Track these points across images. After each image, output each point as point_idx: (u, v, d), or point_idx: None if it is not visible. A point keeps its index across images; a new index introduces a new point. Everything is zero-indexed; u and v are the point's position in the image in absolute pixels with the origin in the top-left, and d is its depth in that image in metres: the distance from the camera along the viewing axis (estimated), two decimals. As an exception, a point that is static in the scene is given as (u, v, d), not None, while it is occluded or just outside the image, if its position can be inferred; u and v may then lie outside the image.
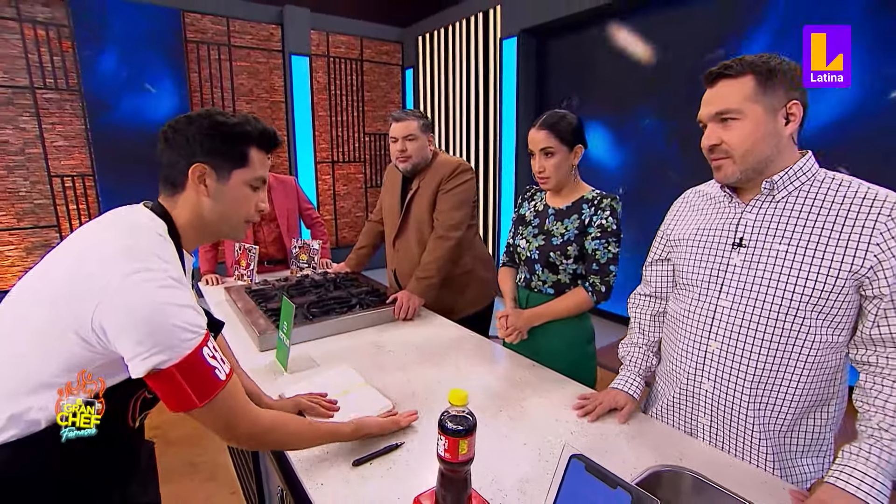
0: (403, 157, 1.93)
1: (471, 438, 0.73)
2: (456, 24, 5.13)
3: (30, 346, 0.73)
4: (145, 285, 0.71)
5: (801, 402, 0.94)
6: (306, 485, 0.92)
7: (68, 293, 0.72)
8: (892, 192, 0.86)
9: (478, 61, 4.93)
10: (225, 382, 0.78)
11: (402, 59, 6.09)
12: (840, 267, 0.85)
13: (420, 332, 1.72)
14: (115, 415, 0.80)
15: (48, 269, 0.78)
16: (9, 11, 3.85)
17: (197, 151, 0.86)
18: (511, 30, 4.43)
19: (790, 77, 0.89)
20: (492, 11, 4.65)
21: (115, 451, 0.85)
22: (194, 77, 4.68)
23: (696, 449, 1.03)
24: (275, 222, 2.65)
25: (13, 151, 4.00)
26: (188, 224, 0.88)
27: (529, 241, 1.49)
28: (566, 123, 1.38)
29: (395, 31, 5.92)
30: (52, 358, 0.73)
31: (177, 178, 0.87)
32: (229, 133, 0.88)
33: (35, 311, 0.74)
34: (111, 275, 0.71)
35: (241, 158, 0.89)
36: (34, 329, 0.73)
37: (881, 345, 0.87)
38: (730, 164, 0.94)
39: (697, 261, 1.03)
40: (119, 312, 0.70)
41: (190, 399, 0.74)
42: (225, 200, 0.89)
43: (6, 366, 0.74)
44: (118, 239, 0.76)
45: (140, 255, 0.74)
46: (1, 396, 0.72)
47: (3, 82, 3.89)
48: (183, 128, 0.87)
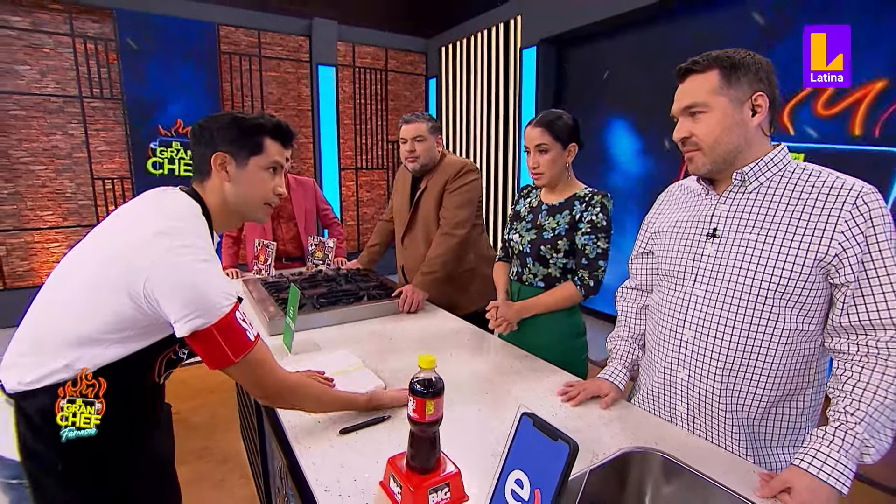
0: (412, 158, 2.02)
1: (437, 400, 0.79)
2: (478, 35, 5.24)
3: (86, 306, 0.85)
4: (188, 259, 0.84)
5: (774, 390, 0.95)
6: (295, 448, 0.99)
7: (122, 263, 0.84)
8: (859, 182, 0.88)
9: (498, 70, 5.02)
10: (255, 343, 0.91)
11: (426, 69, 6.23)
12: (806, 255, 0.88)
13: (421, 324, 1.78)
14: (144, 370, 0.93)
15: (101, 241, 0.91)
16: (64, 28, 4.18)
17: (218, 143, 1.00)
18: (531, 40, 4.50)
19: (755, 70, 0.92)
20: (512, 22, 4.74)
21: (142, 400, 0.96)
22: (226, 86, 4.93)
23: (673, 435, 1.05)
24: (293, 221, 2.77)
25: (62, 155, 4.31)
26: (216, 208, 1.02)
27: (522, 235, 1.54)
28: (562, 122, 1.44)
29: (419, 42, 6.08)
30: (104, 317, 0.84)
31: (203, 167, 1.01)
32: (245, 126, 1.01)
33: (90, 276, 0.86)
34: (160, 250, 0.83)
35: (256, 147, 1.02)
36: (90, 292, 0.85)
37: (851, 332, 0.88)
38: (700, 156, 0.97)
39: (675, 252, 1.07)
40: (167, 282, 0.82)
41: (226, 356, 0.87)
42: (244, 184, 1.02)
43: (65, 321, 0.85)
44: (164, 220, 0.88)
45: (183, 234, 0.87)
46: (60, 346, 0.84)
47: (55, 92, 4.21)
48: (208, 124, 1.01)
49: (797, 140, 3.00)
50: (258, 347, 0.92)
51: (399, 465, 0.83)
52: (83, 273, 0.88)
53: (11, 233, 4.22)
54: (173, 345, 0.95)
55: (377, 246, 2.46)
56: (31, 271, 4.32)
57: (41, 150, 4.23)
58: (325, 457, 0.95)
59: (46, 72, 4.15)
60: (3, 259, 4.22)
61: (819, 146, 2.92)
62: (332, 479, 0.89)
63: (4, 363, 0.87)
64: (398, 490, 0.81)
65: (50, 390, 0.82)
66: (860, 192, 0.86)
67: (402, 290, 1.92)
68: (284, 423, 1.08)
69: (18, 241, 4.26)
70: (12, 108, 4.08)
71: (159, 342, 0.92)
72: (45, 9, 4.10)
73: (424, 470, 0.81)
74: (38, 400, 0.82)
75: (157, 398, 1.02)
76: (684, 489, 0.93)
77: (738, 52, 0.94)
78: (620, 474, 0.98)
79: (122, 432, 0.91)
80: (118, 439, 0.90)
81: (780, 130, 3.05)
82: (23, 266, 4.30)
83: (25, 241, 4.29)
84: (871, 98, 2.68)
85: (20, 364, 0.85)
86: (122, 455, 0.91)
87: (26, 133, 4.15)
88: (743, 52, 0.94)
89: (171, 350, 0.96)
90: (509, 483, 0.66)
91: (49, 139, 4.24)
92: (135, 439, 0.95)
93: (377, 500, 0.83)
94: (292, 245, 2.80)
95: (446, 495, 0.81)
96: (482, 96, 5.31)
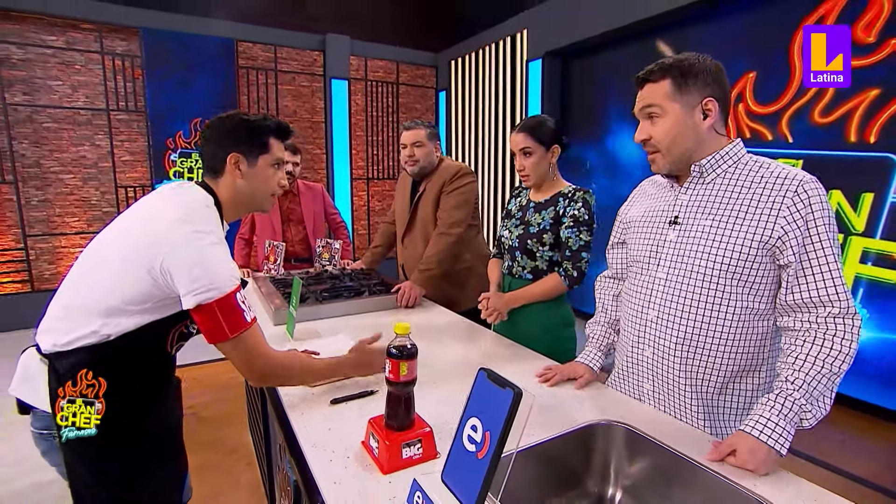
0: (412, 161, 2.14)
1: (410, 363, 0.88)
2: (485, 48, 5.40)
3: (113, 281, 0.97)
4: (201, 243, 0.97)
5: (731, 365, 1.02)
6: (290, 416, 1.09)
7: (144, 244, 0.97)
8: (801, 173, 0.96)
9: (505, 82, 5.16)
10: (251, 324, 1.02)
11: (436, 81, 6.41)
12: (753, 238, 0.96)
13: (417, 317, 1.88)
14: (159, 340, 1.05)
15: (128, 225, 1.04)
16: (94, 46, 4.45)
17: (230, 144, 1.12)
18: (536, 52, 4.63)
19: (704, 77, 1.01)
20: (518, 35, 4.88)
21: (156, 366, 1.07)
22: (244, 99, 5.16)
23: (639, 410, 1.12)
24: (302, 224, 2.91)
25: (88, 165, 4.55)
26: (227, 201, 1.14)
27: (511, 231, 1.64)
28: (545, 127, 1.54)
29: (429, 56, 6.27)
30: (128, 290, 0.97)
31: (216, 165, 1.13)
32: (253, 127, 1.14)
33: (117, 256, 0.99)
34: (177, 234, 0.96)
35: (263, 146, 1.15)
36: (117, 269, 0.98)
37: (796, 310, 0.96)
38: (660, 157, 1.06)
39: (642, 239, 1.15)
40: (181, 260, 0.95)
41: (223, 331, 0.98)
42: (254, 180, 1.15)
43: (94, 293, 0.98)
44: (183, 209, 1.01)
45: (198, 221, 1.00)
46: (89, 314, 0.97)
47: (85, 105, 4.47)
48: (218, 126, 1.14)
49: (795, 147, 3.05)
50: (253, 329, 1.02)
51: (378, 424, 0.93)
52: (112, 253, 1.01)
53: (40, 237, 4.46)
54: (185, 319, 1.07)
55: (380, 247, 2.58)
56: (57, 274, 4.54)
57: (70, 160, 4.47)
58: (316, 422, 1.05)
59: (77, 87, 4.42)
60: (32, 262, 4.45)
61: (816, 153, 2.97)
62: (321, 439, 0.99)
63: (41, 328, 1.00)
64: (376, 446, 0.90)
65: (78, 353, 0.95)
66: (801, 181, 0.94)
67: (401, 286, 2.02)
68: (282, 397, 1.18)
69: (46, 246, 4.49)
70: (46, 121, 4.34)
71: (173, 316, 1.04)
72: (78, 28, 4.38)
73: (400, 427, 0.90)
74: (68, 360, 0.95)
75: (169, 368, 1.14)
76: (644, 457, 1.00)
77: (688, 58, 1.02)
78: (588, 444, 1.06)
79: (139, 393, 1.02)
80: (135, 399, 1.01)
81: (780, 138, 3.11)
82: (50, 269, 4.52)
83: (53, 246, 4.52)
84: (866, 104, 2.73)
85: (54, 329, 0.97)
86: (137, 414, 1.03)
87: (57, 144, 4.41)
88: (693, 59, 1.02)
89: (183, 324, 1.08)
90: (466, 429, 0.75)
91: (77, 150, 4.49)
92: (149, 401, 1.06)
93: (357, 457, 0.93)
94: (301, 247, 2.94)
95: (419, 451, 0.90)
96: (490, 107, 5.44)
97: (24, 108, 4.26)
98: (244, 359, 1.03)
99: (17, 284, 4.42)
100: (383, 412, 0.93)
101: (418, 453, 0.90)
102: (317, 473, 0.88)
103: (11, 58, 4.18)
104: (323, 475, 0.87)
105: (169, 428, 1.16)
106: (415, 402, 0.93)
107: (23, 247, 4.39)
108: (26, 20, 4.20)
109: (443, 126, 6.41)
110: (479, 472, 0.69)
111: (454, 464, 0.76)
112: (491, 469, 0.69)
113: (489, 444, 0.70)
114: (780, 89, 3.09)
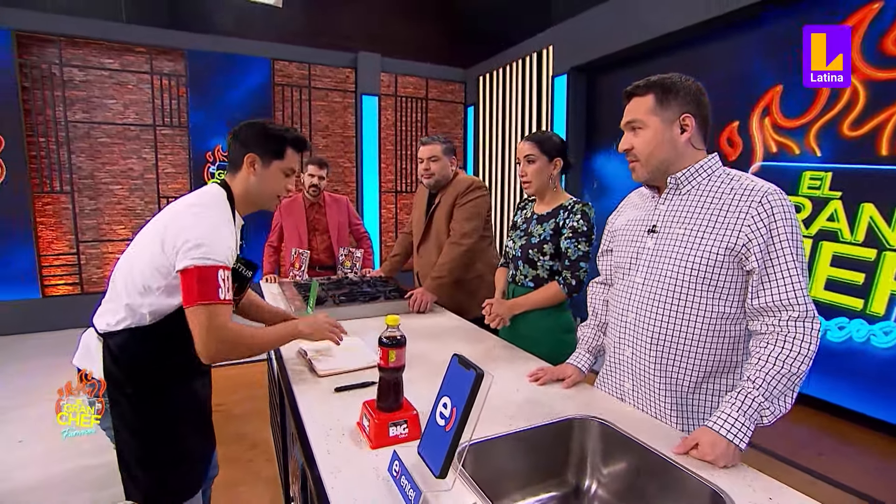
0: (427, 175, 2.29)
1: (399, 350, 1.01)
2: (513, 64, 5.56)
3: (140, 261, 1.17)
4: (205, 221, 1.16)
5: (703, 366, 1.10)
6: (299, 402, 1.24)
7: (161, 223, 1.18)
8: (767, 185, 1.05)
9: (531, 97, 5.29)
10: (221, 301, 1.12)
11: (465, 97, 6.62)
12: (721, 245, 1.04)
13: (427, 321, 2.01)
14: (185, 325, 1.18)
15: (159, 218, 1.24)
16: (145, 67, 4.89)
17: (251, 145, 1.31)
18: (562, 68, 4.76)
19: (684, 94, 1.11)
20: (545, 51, 5.02)
21: (185, 347, 1.16)
22: (278, 115, 5.50)
23: (617, 408, 1.21)
24: (327, 233, 3.12)
25: (135, 176, 4.96)
26: (239, 195, 1.34)
27: (515, 241, 1.75)
28: (550, 140, 1.67)
29: (458, 73, 6.49)
30: (148, 268, 1.16)
31: (237, 161, 1.33)
32: (272, 134, 1.33)
33: (147, 239, 1.19)
34: (187, 212, 1.17)
35: (279, 153, 1.34)
36: (145, 250, 1.18)
37: (761, 314, 1.03)
38: (639, 166, 1.17)
39: (624, 246, 1.25)
40: (183, 228, 1.14)
41: (192, 295, 1.10)
42: (264, 180, 1.34)
43: (129, 275, 1.18)
44: (196, 196, 1.26)
45: (208, 206, 1.21)
46: (128, 294, 1.16)
47: (135, 121, 4.89)
48: (244, 130, 1.34)
49: (823, 160, 3.03)
50: (220, 307, 1.10)
51: (371, 406, 1.06)
52: (144, 238, 1.21)
53: (91, 243, 4.87)
54: None
55: (398, 256, 2.73)
56: (104, 278, 4.94)
57: (119, 171, 4.90)
58: (320, 405, 1.20)
59: (129, 104, 4.86)
60: (83, 266, 4.86)
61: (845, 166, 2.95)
62: (322, 417, 1.13)
63: (98, 312, 1.21)
64: (367, 424, 1.04)
65: (123, 333, 1.14)
66: (766, 192, 1.02)
67: (413, 292, 2.16)
68: (294, 387, 1.33)
69: (96, 252, 4.91)
70: (101, 137, 4.79)
71: None
72: (132, 52, 4.83)
73: (390, 409, 1.03)
74: (116, 338, 1.14)
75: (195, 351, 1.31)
76: (617, 450, 1.09)
77: (671, 77, 1.13)
78: (566, 436, 1.15)
79: (170, 367, 1.20)
80: (167, 372, 1.20)
81: (808, 152, 3.10)
82: (97, 273, 4.93)
83: (101, 252, 4.93)
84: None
85: (105, 311, 1.18)
86: (173, 387, 1.21)
87: (109, 157, 4.84)
88: (676, 78, 1.13)
89: None
90: (439, 407, 0.87)
91: (126, 162, 4.91)
92: (179, 375, 1.24)
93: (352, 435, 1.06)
94: (325, 255, 3.14)
95: (405, 430, 1.02)
96: (517, 122, 5.58)
97: (83, 125, 4.71)
98: (201, 329, 1.10)
99: (69, 287, 4.84)
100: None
101: (404, 433, 1.02)
102: (314, 445, 1.02)
103: (74, 79, 4.65)
104: (318, 446, 1.01)
105: (201, 401, 1.34)
106: (403, 388, 1.05)
107: (75, 252, 4.81)
108: (89, 45, 4.67)
109: (470, 140, 6.59)
110: (447, 442, 0.81)
111: (428, 437, 0.88)
112: (455, 439, 0.81)
113: (454, 418, 0.82)
114: (808, 102, 3.09)
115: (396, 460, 0.89)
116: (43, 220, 4.67)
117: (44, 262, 4.69)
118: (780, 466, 2.44)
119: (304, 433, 1.08)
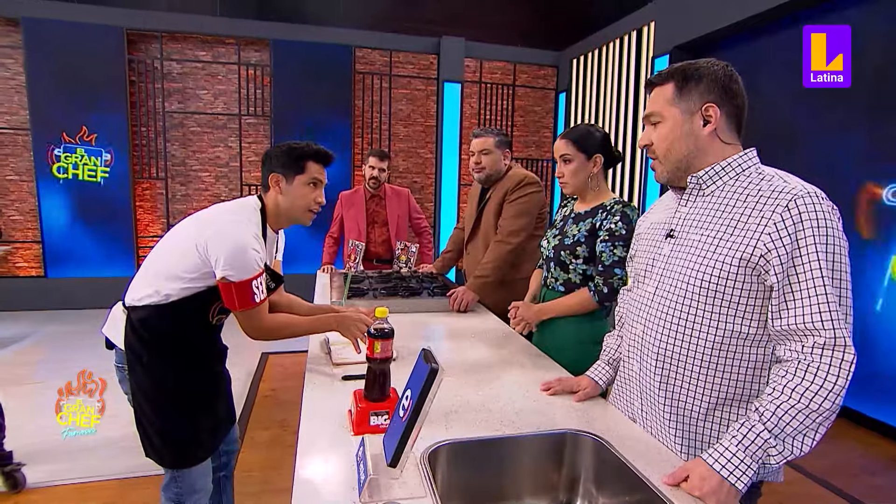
0: (478, 169, 2.38)
1: (384, 342, 1.13)
2: (609, 45, 5.40)
3: (173, 251, 1.42)
4: (237, 232, 1.37)
5: (715, 391, 1.06)
6: (306, 384, 1.41)
7: (198, 224, 1.42)
8: (803, 187, 0.97)
9: (629, 81, 5.11)
10: (257, 304, 1.40)
11: (557, 82, 6.54)
12: (734, 254, 1.00)
13: (463, 321, 2.11)
14: (204, 308, 1.45)
15: (194, 218, 1.49)
16: (234, 58, 5.52)
17: (274, 166, 1.54)
18: (664, 47, 4.54)
19: (708, 82, 1.08)
20: (645, 29, 4.83)
21: (201, 332, 1.49)
22: (358, 103, 5.89)
23: (624, 428, 1.21)
24: (386, 226, 3.33)
25: (221, 164, 5.63)
26: (271, 211, 1.56)
27: (549, 241, 1.78)
28: (589, 136, 1.67)
29: (549, 55, 6.44)
30: (181, 260, 1.39)
31: (266, 182, 1.55)
32: (293, 153, 1.54)
33: (183, 234, 1.44)
34: (223, 219, 1.40)
35: (300, 168, 1.54)
36: (178, 242, 1.42)
37: (785, 338, 0.97)
38: (658, 165, 1.15)
39: (643, 251, 1.24)
40: (219, 243, 1.35)
41: (234, 303, 1.38)
42: (290, 196, 1.54)
43: (162, 261, 1.43)
44: (233, 204, 1.49)
45: (241, 213, 1.44)
46: (156, 276, 1.41)
47: (223, 111, 5.55)
48: (270, 152, 1.57)
49: None
50: (258, 308, 1.41)
51: (360, 395, 1.19)
52: (181, 231, 1.45)
53: (180, 228, 5.63)
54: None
55: (450, 252, 2.85)
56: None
57: (207, 159, 5.59)
58: (323, 391, 1.36)
59: (218, 94, 5.52)
60: (173, 249, 5.63)
61: None
62: (319, 404, 1.28)
63: (130, 287, 1.46)
64: (353, 411, 1.17)
65: (146, 308, 1.39)
66: (796, 195, 0.95)
67: (455, 290, 2.27)
68: (308, 374, 1.51)
69: (184, 235, 5.66)
70: (192, 126, 5.50)
71: (215, 289, 1.41)
72: (223, 43, 5.48)
73: (374, 399, 1.15)
74: (138, 312, 1.39)
75: (212, 334, 1.56)
76: (611, 473, 1.10)
77: (697, 63, 1.10)
78: (559, 451, 1.19)
79: (186, 347, 1.43)
80: (181, 352, 1.43)
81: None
82: (185, 256, 5.68)
83: (189, 236, 5.67)
84: None
85: (134, 287, 1.44)
86: (182, 360, 1.45)
87: (199, 146, 5.55)
88: (702, 63, 1.10)
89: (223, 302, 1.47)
90: (403, 399, 0.97)
91: (214, 150, 5.59)
92: (193, 355, 1.47)
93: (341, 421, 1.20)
94: (383, 248, 3.36)
95: (386, 420, 1.14)
96: (612, 110, 5.42)
97: (178, 115, 5.46)
98: (246, 325, 1.44)
99: (160, 267, 5.63)
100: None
101: (385, 423, 1.14)
102: (303, 426, 1.17)
103: (172, 72, 5.40)
104: (307, 426, 1.16)
105: (216, 382, 1.57)
106: (391, 380, 1.17)
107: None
108: (187, 39, 5.39)
109: (561, 130, 6.50)
110: (401, 431, 0.91)
111: (392, 427, 0.99)
112: (408, 428, 0.90)
113: (410, 408, 0.91)
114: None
115: (362, 446, 1.00)
116: (141, 204, 5.50)
117: (140, 242, 5.51)
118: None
119: (299, 414, 1.24)
